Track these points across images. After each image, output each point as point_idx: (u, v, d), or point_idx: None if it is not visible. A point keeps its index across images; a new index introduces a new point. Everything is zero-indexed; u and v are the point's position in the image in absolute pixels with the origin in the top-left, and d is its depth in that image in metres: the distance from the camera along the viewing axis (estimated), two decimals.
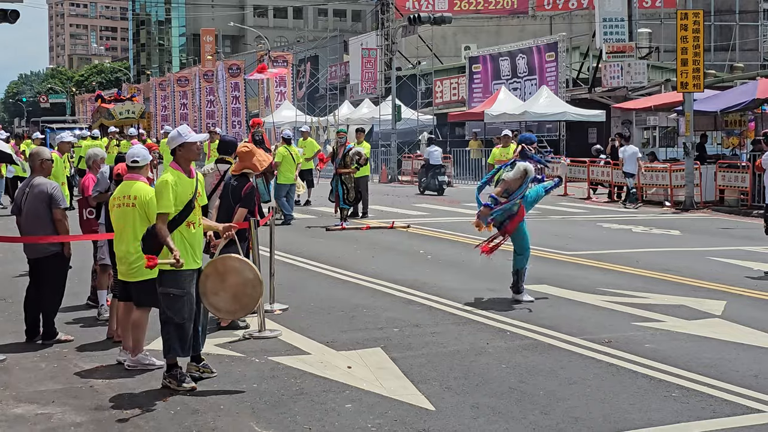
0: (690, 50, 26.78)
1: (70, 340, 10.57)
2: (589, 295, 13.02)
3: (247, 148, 11.40)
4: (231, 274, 8.86)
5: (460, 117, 45.90)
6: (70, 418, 7.75)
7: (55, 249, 10.57)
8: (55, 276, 10.68)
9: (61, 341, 10.50)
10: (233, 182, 11.17)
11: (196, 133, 8.97)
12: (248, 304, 9.05)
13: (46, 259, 10.57)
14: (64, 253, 10.66)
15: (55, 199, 10.57)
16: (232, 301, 8.88)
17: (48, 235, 10.52)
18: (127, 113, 35.63)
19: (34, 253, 10.67)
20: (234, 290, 8.85)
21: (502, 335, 10.63)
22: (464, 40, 62.00)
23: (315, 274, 15.23)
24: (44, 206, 10.53)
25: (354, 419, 7.62)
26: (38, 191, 10.58)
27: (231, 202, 11.03)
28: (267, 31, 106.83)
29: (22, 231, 10.81)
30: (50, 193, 10.57)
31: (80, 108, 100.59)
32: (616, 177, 30.59)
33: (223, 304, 8.90)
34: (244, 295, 8.89)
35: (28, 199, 10.61)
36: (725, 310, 11.98)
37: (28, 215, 10.60)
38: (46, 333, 10.57)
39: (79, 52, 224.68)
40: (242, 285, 8.87)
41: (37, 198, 10.56)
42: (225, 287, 8.84)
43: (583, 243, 18.87)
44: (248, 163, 11.21)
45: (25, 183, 10.92)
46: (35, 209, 10.55)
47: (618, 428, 7.33)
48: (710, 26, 51.60)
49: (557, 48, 43.12)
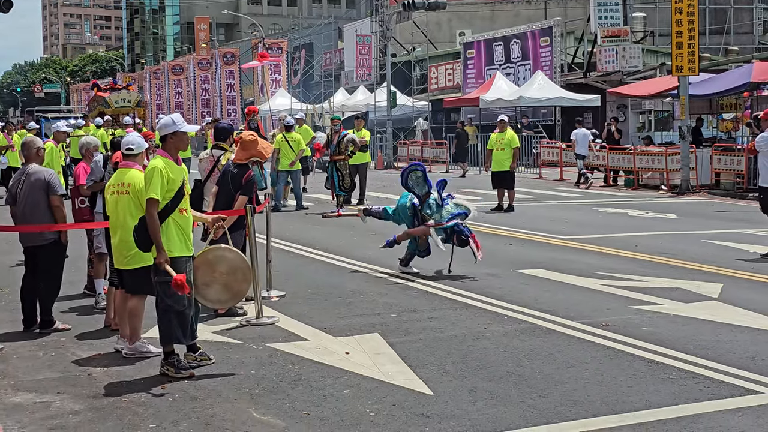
0: (685, 34, 26.75)
1: (67, 328, 10.57)
2: (586, 279, 13.03)
3: (254, 136, 11.37)
4: (220, 264, 8.87)
5: (455, 103, 45.87)
6: (69, 406, 7.75)
7: (52, 237, 10.56)
8: (52, 264, 10.67)
9: (58, 330, 10.51)
10: (233, 170, 11.16)
11: (188, 124, 8.97)
12: (239, 292, 9.09)
13: (43, 248, 10.56)
14: (62, 241, 10.66)
15: (53, 186, 10.58)
16: (223, 291, 8.90)
17: (45, 223, 10.51)
18: (123, 102, 35.59)
19: (31, 241, 10.65)
20: (225, 279, 8.87)
21: (500, 320, 10.64)
22: (459, 26, 61.93)
23: (312, 260, 15.24)
24: (42, 194, 10.53)
25: (352, 404, 7.63)
26: (35, 179, 10.58)
27: (231, 190, 11.02)
28: (261, 19, 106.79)
29: (17, 220, 10.79)
30: (47, 180, 10.58)
31: (75, 97, 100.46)
32: (611, 161, 30.60)
33: (213, 294, 8.91)
34: (235, 283, 8.92)
35: (24, 187, 10.60)
36: (722, 292, 11.99)
37: (24, 204, 10.58)
38: (44, 321, 10.56)
39: (73, 41, 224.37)
40: (233, 273, 8.88)
41: (33, 186, 10.55)
42: (216, 277, 8.85)
43: (579, 227, 18.88)
44: (254, 151, 11.20)
45: (20, 172, 10.92)
46: (33, 197, 10.54)
47: (616, 411, 7.34)
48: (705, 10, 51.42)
49: (552, 33, 43.08)
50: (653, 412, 7.29)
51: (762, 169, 15.26)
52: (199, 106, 63.64)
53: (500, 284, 12.77)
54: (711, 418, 7.16)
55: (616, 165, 30.61)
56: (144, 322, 9.48)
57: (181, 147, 8.82)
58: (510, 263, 14.43)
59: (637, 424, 7.05)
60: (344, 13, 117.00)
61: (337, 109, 45.92)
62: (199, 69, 64.42)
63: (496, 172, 22.61)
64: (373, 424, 7.16)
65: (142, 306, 9.31)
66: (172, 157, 8.70)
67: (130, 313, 9.27)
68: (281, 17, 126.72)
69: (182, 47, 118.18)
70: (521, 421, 7.17)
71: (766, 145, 15.04)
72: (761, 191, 15.52)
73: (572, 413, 7.31)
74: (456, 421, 7.19)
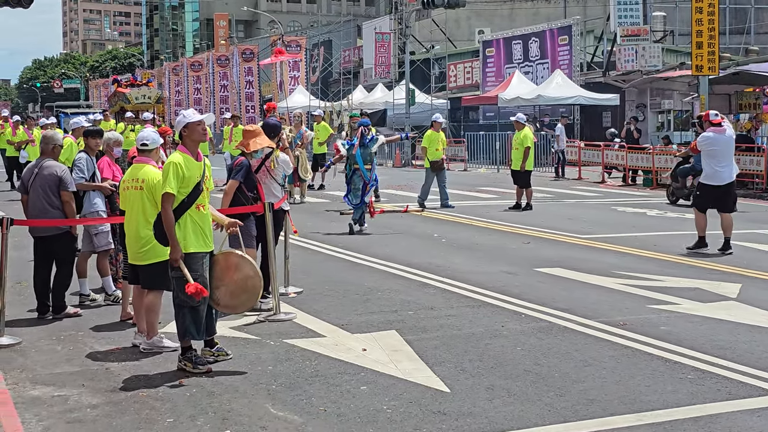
0: (705, 33, 26.69)
1: (79, 314, 10.95)
2: (604, 278, 13.00)
3: (252, 128, 11.42)
4: (231, 270, 8.84)
5: (473, 101, 45.83)
6: (87, 400, 7.78)
7: (64, 228, 10.93)
8: (66, 253, 11.06)
9: (69, 315, 10.89)
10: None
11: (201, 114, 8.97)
12: (247, 301, 9.02)
13: (56, 238, 10.92)
14: (72, 234, 11.04)
15: (64, 182, 10.89)
16: (230, 297, 8.87)
17: (54, 215, 10.85)
18: (143, 98, 35.59)
19: (43, 231, 10.98)
20: (234, 286, 8.84)
21: (517, 318, 10.62)
22: (478, 23, 61.92)
23: (329, 257, 15.24)
24: (53, 187, 10.85)
25: (369, 401, 7.63)
26: (48, 173, 10.89)
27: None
28: (280, 16, 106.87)
29: (27, 210, 11.12)
30: (60, 175, 10.90)
31: (94, 93, 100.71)
32: (630, 161, 30.54)
33: (223, 298, 8.91)
34: (243, 291, 8.87)
35: (36, 179, 10.92)
36: (740, 293, 11.95)
37: (34, 195, 10.91)
38: (56, 307, 10.95)
39: (92, 37, 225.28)
40: (242, 281, 8.85)
41: (45, 179, 10.86)
42: (225, 282, 8.83)
43: (597, 226, 18.84)
44: (244, 140, 11.18)
45: (34, 164, 11.26)
46: (43, 190, 10.85)
47: (633, 410, 7.32)
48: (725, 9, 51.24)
49: (571, 31, 42.99)
50: (671, 412, 7.27)
51: (704, 167, 15.78)
52: (218, 102, 63.65)
53: (518, 282, 12.76)
54: (729, 419, 7.13)
55: (635, 164, 30.52)
56: (161, 317, 9.51)
57: (197, 138, 8.72)
58: (528, 262, 14.41)
59: (654, 423, 7.02)
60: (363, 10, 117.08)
61: (356, 106, 45.92)
62: (218, 65, 64.45)
63: (512, 170, 22.80)
64: (389, 420, 7.16)
65: (158, 301, 9.33)
66: (191, 152, 8.68)
67: (147, 308, 9.29)
68: (300, 14, 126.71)
69: (201, 44, 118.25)
70: (538, 419, 7.16)
71: (706, 145, 15.55)
72: (699, 188, 15.99)
73: (589, 412, 7.30)
74: (473, 418, 7.18)
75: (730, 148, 15.75)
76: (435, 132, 23.17)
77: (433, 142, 23.00)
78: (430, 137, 23.09)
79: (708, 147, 15.51)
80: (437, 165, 22.88)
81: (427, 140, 23.18)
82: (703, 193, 15.70)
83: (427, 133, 23.43)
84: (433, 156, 22.88)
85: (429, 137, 23.13)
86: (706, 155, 15.60)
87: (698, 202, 15.84)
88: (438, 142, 23.03)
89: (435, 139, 23.03)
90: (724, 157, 15.54)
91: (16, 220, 10.38)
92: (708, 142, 15.50)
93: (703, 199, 15.68)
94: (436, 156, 22.88)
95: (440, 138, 23.26)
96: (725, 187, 15.53)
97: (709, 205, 15.60)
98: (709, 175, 15.57)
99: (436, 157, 22.87)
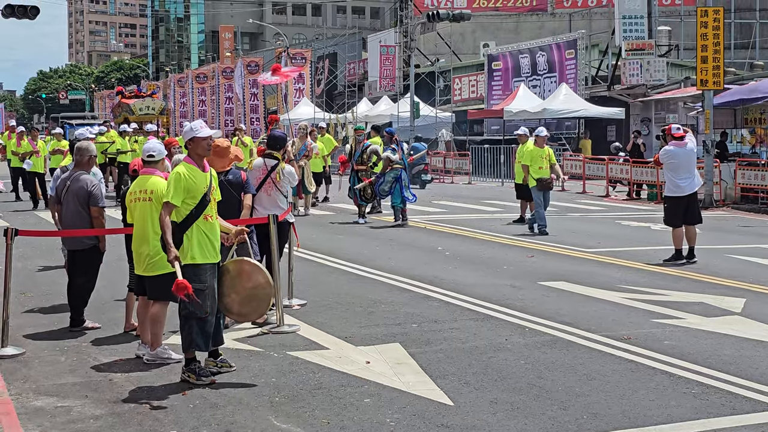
0: (710, 48, 26.67)
1: (96, 327, 10.89)
2: (608, 291, 12.99)
3: (226, 142, 10.73)
4: (243, 278, 8.84)
5: (479, 114, 45.86)
6: (90, 411, 7.78)
7: (91, 242, 10.91)
8: (87, 267, 11.02)
9: (88, 328, 10.83)
10: (229, 177, 10.68)
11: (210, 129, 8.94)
12: (258, 308, 9.02)
13: (82, 251, 10.93)
14: (100, 249, 10.99)
15: (94, 197, 10.93)
16: (241, 304, 8.86)
17: (86, 228, 10.89)
18: (147, 109, 35.67)
19: (71, 245, 11.05)
20: (245, 294, 8.84)
21: (521, 331, 10.61)
22: (483, 37, 61.95)
23: (333, 269, 15.24)
24: (83, 202, 10.90)
25: (373, 414, 7.62)
26: (78, 187, 10.95)
27: (234, 195, 10.59)
28: (286, 28, 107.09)
29: (62, 221, 11.17)
30: (89, 190, 10.93)
31: (99, 104, 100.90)
32: (635, 175, 30.55)
33: (235, 306, 8.90)
34: (254, 299, 8.86)
35: (69, 192, 10.99)
36: (745, 307, 11.93)
37: (67, 209, 11.00)
38: (73, 321, 10.91)
39: (98, 48, 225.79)
40: (253, 289, 8.84)
41: (76, 194, 10.93)
42: (237, 290, 8.83)
43: (602, 240, 18.83)
44: (232, 156, 10.55)
45: (68, 175, 11.27)
46: (74, 204, 10.93)
47: (637, 424, 7.31)
48: (730, 24, 51.32)
49: (576, 45, 43.02)
50: (674, 426, 7.26)
51: (667, 181, 16.27)
52: (223, 114, 63.69)
53: (522, 296, 12.75)
54: None
55: (639, 178, 30.53)
56: (166, 328, 9.51)
57: (201, 152, 8.70)
58: (532, 275, 14.40)
59: None
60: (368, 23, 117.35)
61: (360, 119, 45.95)
62: (224, 77, 64.50)
63: (516, 183, 22.62)
64: None
65: (164, 312, 9.32)
66: (196, 163, 8.68)
67: (151, 320, 9.29)
68: (306, 27, 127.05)
69: (206, 56, 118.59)
70: None
71: (667, 158, 15.88)
72: (666, 201, 16.44)
73: (593, 426, 7.28)
74: (476, 431, 7.17)
75: (691, 161, 16.04)
76: (539, 148, 20.29)
77: (536, 159, 20.20)
78: (533, 153, 20.29)
79: (668, 160, 15.87)
80: (544, 183, 20.07)
81: (528, 157, 20.38)
82: (671, 206, 16.07)
83: (528, 148, 20.56)
84: (537, 174, 20.03)
85: (531, 153, 20.34)
86: (668, 168, 15.98)
87: (669, 218, 16.17)
88: (542, 159, 20.16)
89: (537, 156, 20.21)
90: (685, 170, 15.87)
91: (49, 232, 10.45)
92: (668, 155, 15.86)
93: (672, 213, 16.00)
94: (542, 174, 20.03)
95: (544, 154, 20.26)
96: (688, 197, 15.89)
97: (680, 218, 15.88)
98: (671, 189, 16.01)
99: (542, 175, 20.03)
